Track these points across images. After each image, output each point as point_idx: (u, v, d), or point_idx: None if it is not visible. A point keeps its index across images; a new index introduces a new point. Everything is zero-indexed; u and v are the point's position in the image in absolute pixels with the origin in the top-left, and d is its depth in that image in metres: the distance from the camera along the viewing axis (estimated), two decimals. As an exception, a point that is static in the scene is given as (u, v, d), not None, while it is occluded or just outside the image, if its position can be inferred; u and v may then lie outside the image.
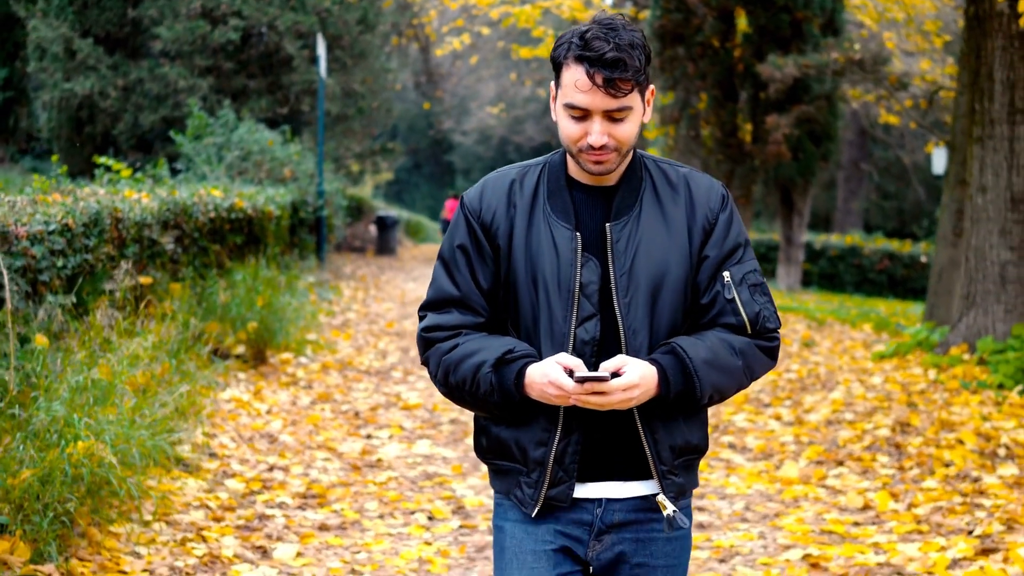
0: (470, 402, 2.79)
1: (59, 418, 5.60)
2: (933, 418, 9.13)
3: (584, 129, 2.71)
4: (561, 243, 2.77)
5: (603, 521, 2.81)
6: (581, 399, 2.63)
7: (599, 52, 2.64)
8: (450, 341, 2.80)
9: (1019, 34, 11.25)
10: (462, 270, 2.82)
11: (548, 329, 2.75)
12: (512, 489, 2.83)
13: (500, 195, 2.83)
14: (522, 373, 2.71)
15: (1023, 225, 11.46)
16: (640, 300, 2.75)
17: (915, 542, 6.16)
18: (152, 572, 5.34)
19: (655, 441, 2.76)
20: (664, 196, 2.82)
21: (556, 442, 2.75)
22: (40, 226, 7.54)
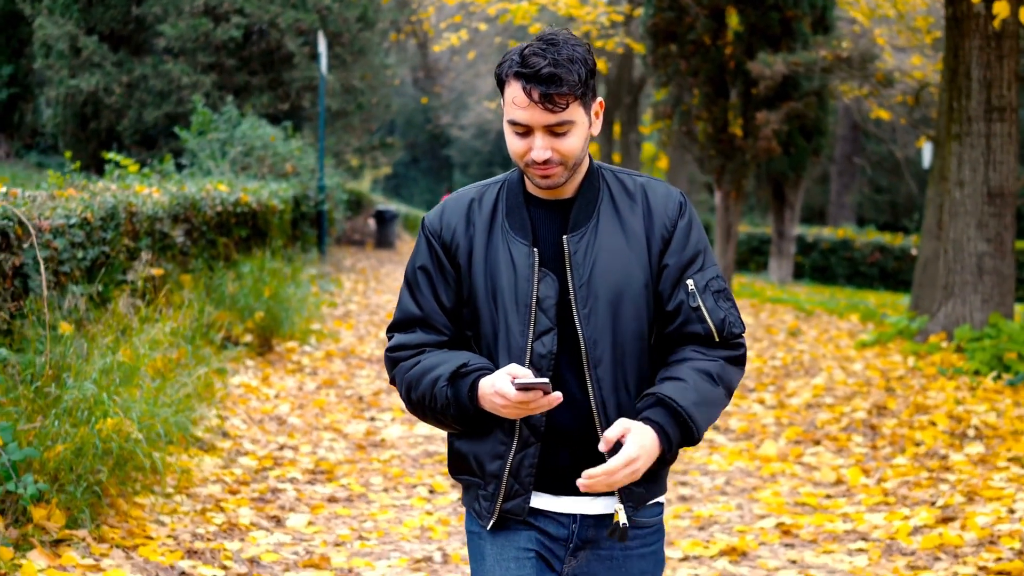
0: (432, 417, 2.83)
1: (89, 397, 6.06)
2: (909, 402, 9.61)
3: (528, 144, 2.73)
4: (519, 259, 2.79)
5: (579, 537, 2.83)
6: (528, 407, 2.64)
7: (535, 68, 2.66)
8: (413, 359, 2.85)
9: (995, 34, 11.72)
10: (423, 291, 2.87)
11: (506, 344, 2.78)
12: (472, 502, 2.88)
13: (459, 215, 2.86)
14: (475, 385, 2.73)
15: (999, 218, 11.94)
16: (600, 311, 2.77)
17: (881, 512, 6.64)
18: (176, 538, 5.81)
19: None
20: (622, 206, 2.85)
21: (512, 455, 2.77)
22: (61, 220, 7.98)
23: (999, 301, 11.92)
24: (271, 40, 23.24)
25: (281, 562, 5.69)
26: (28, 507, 5.45)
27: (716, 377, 2.79)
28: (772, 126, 17.93)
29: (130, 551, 5.53)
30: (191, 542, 5.78)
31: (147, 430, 6.20)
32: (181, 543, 5.74)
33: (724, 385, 2.81)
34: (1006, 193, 11.95)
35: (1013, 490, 6.91)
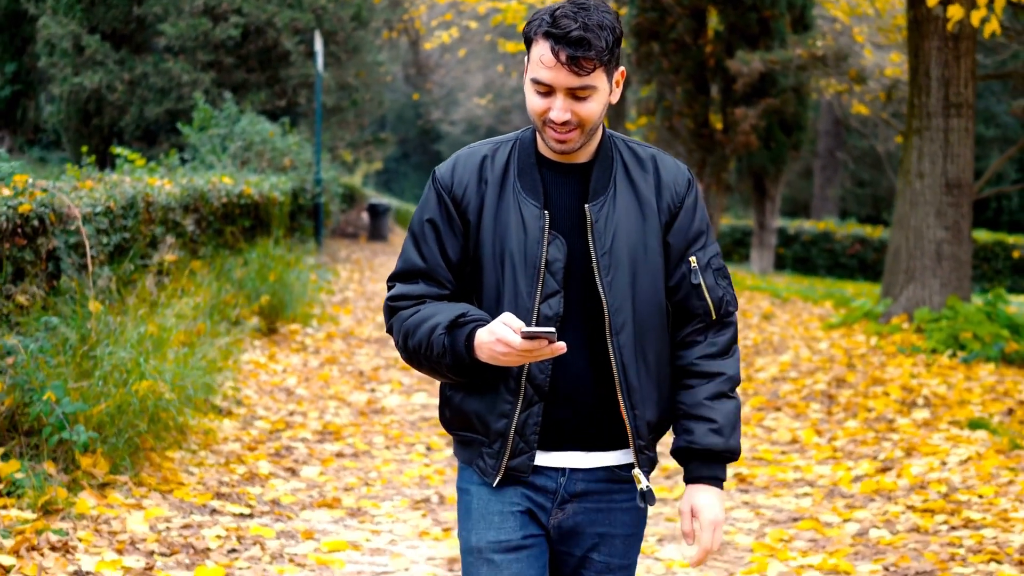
0: (427, 366, 2.85)
1: (127, 362, 6.86)
2: (867, 376, 10.43)
3: (548, 104, 2.75)
4: (529, 220, 2.81)
5: (566, 490, 2.86)
6: (531, 355, 2.66)
7: (565, 30, 2.66)
8: (412, 308, 2.87)
9: (953, 36, 12.54)
10: (430, 243, 2.87)
11: (512, 304, 2.80)
12: (475, 459, 2.89)
13: (472, 171, 2.88)
14: (472, 335, 2.74)
15: (957, 208, 12.78)
16: (621, 279, 2.81)
17: (828, 465, 7.47)
18: (205, 484, 6.61)
19: (635, 416, 2.82)
20: (635, 175, 2.88)
21: (517, 413, 2.80)
22: (88, 208, 8.77)
23: (956, 285, 12.76)
24: (268, 39, 23.97)
25: (298, 503, 6.51)
26: (77, 455, 6.24)
27: (731, 391, 2.88)
28: (750, 121, 18.77)
29: (166, 494, 6.33)
30: (218, 487, 6.58)
31: (178, 391, 7.00)
32: (209, 488, 6.54)
33: (736, 385, 2.90)
34: (963, 184, 12.78)
35: (949, 447, 7.74)
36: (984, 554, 5.68)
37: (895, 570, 5.54)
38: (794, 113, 22.94)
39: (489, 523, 2.85)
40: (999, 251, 30.06)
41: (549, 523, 2.88)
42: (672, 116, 19.81)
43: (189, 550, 5.56)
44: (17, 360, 6.44)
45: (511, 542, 2.84)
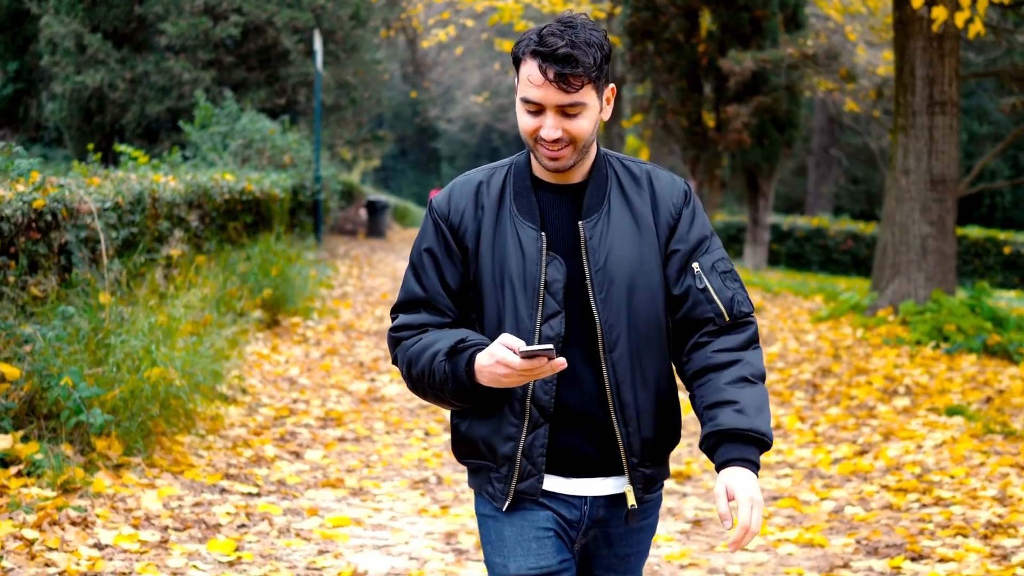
0: (431, 394, 2.86)
1: (138, 349, 7.18)
2: (851, 366, 10.77)
3: (538, 123, 2.76)
4: (527, 243, 2.82)
5: (590, 518, 2.88)
6: (532, 374, 2.66)
7: (552, 47, 2.69)
8: (415, 338, 2.89)
9: (937, 36, 12.87)
10: (429, 273, 2.89)
11: (514, 327, 2.80)
12: (484, 485, 2.89)
13: (467, 197, 2.90)
14: (472, 360, 2.75)
15: (941, 203, 13.12)
16: (615, 296, 2.81)
17: (809, 448, 7.80)
18: (213, 466, 6.94)
19: (627, 433, 2.82)
20: (630, 192, 2.88)
21: (524, 436, 2.80)
22: (98, 203, 9.09)
23: (941, 279, 13.09)
24: (268, 38, 24.29)
25: (303, 483, 6.84)
26: (92, 438, 6.57)
27: (752, 377, 2.81)
28: (742, 119, 19.10)
29: (177, 475, 6.66)
30: (226, 469, 6.91)
31: (188, 377, 7.32)
32: (218, 469, 6.87)
33: (760, 377, 2.83)
34: (947, 180, 13.12)
35: (925, 432, 8.08)
36: (951, 529, 6.01)
37: (867, 543, 5.87)
38: (787, 111, 23.26)
39: (527, 550, 2.84)
40: (990, 247, 30.39)
41: (574, 549, 2.91)
42: (666, 114, 20.14)
43: (201, 525, 5.89)
44: (35, 348, 6.76)
45: (550, 567, 2.84)
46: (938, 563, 5.56)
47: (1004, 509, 6.29)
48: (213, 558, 5.47)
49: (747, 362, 2.81)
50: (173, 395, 7.18)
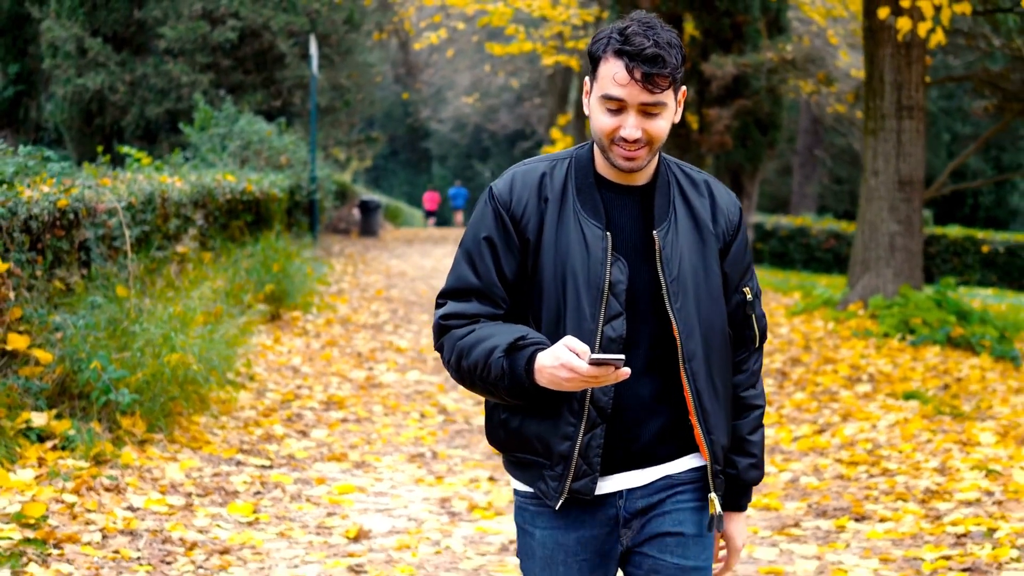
0: (481, 387, 2.81)
1: (158, 337, 7.85)
2: (820, 356, 11.46)
3: (618, 122, 2.74)
4: (592, 241, 2.79)
5: (627, 511, 2.87)
6: (596, 381, 2.63)
7: (639, 48, 2.68)
8: (467, 328, 2.83)
9: (905, 44, 13.57)
10: (486, 261, 2.84)
11: (576, 325, 2.77)
12: (535, 482, 2.86)
13: (531, 188, 2.86)
14: (532, 359, 2.70)
15: (909, 203, 13.82)
16: (689, 305, 2.81)
17: (773, 428, 8.50)
18: (228, 442, 7.62)
19: (711, 441, 2.85)
20: (693, 199, 2.89)
21: (581, 435, 2.78)
22: (113, 203, 9.76)
23: (908, 274, 13.80)
24: (264, 42, 24.94)
25: (310, 457, 7.53)
26: (119, 417, 7.24)
27: (762, 418, 3.01)
28: (724, 122, 19.78)
29: (196, 450, 7.34)
30: (240, 445, 7.59)
31: (204, 362, 8.00)
32: (233, 445, 7.55)
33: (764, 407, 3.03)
34: (915, 181, 13.82)
35: (881, 414, 8.78)
36: (893, 495, 6.71)
37: (817, 507, 6.57)
38: (769, 113, 23.92)
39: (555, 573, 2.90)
40: (969, 246, 31.09)
41: (622, 543, 2.90)
42: (650, 116, 20.81)
43: (221, 492, 6.57)
44: (65, 335, 7.43)
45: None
46: (878, 523, 6.26)
47: (943, 478, 6.99)
48: (234, 519, 6.14)
49: (762, 409, 2.99)
50: (190, 379, 7.85)
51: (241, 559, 5.56)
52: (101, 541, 5.57)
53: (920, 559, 5.67)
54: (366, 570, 5.49)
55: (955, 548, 5.78)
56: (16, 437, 6.69)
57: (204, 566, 5.41)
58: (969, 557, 5.62)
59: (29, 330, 7.33)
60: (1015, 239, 30.93)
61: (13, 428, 6.71)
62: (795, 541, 6.05)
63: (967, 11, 12.20)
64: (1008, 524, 6.00)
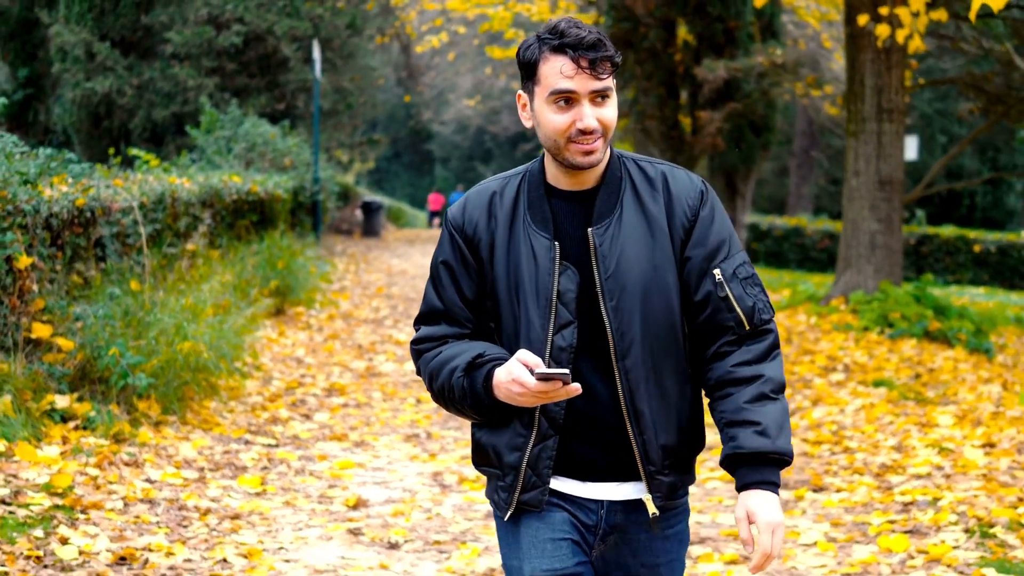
0: (453, 407, 2.87)
1: (171, 327, 8.42)
2: (800, 348, 12.01)
3: (572, 116, 2.72)
4: (540, 252, 2.80)
5: (607, 523, 2.86)
6: (547, 396, 2.66)
7: (579, 37, 2.69)
8: (435, 350, 2.89)
9: (884, 50, 14.12)
10: (446, 285, 2.89)
11: (527, 337, 2.79)
12: (491, 493, 2.92)
13: (481, 208, 2.88)
14: (490, 375, 2.75)
15: (888, 202, 14.37)
16: (627, 303, 2.77)
17: (747, 412, 9.06)
18: (237, 424, 8.18)
19: (643, 441, 2.78)
20: (644, 195, 2.83)
21: (530, 447, 2.80)
22: (126, 202, 10.32)
23: (888, 271, 14.35)
24: (268, 46, 25.53)
25: (313, 438, 8.09)
26: (135, 400, 7.80)
27: (773, 392, 2.79)
28: (715, 124, 20.35)
29: (207, 431, 7.90)
30: (248, 426, 8.16)
31: (214, 351, 8.57)
32: (241, 427, 8.12)
33: (780, 390, 2.81)
34: (894, 181, 14.37)
35: (849, 399, 9.33)
36: (851, 470, 7.27)
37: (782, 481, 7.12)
38: (763, 115, 24.48)
39: (542, 551, 2.85)
40: (961, 245, 31.62)
41: (593, 556, 2.89)
42: (644, 119, 21.37)
43: (231, 467, 7.14)
44: (86, 324, 8.00)
45: (566, 570, 2.85)
46: (834, 493, 6.82)
47: (899, 455, 7.55)
48: (243, 490, 6.71)
49: (768, 377, 2.78)
50: (201, 366, 8.42)
51: (250, 523, 6.12)
52: (123, 508, 6.12)
53: (868, 523, 6.23)
54: (363, 532, 6.05)
55: (901, 514, 6.34)
56: (41, 418, 7.25)
57: (217, 529, 5.98)
58: (912, 521, 6.18)
59: (52, 320, 7.89)
60: (1007, 239, 31.46)
61: (39, 409, 7.27)
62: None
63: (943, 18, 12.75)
64: (952, 494, 6.56)
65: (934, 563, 5.55)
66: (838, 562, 5.65)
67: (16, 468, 6.37)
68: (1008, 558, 5.50)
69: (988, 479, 6.85)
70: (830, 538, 6.02)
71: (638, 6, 20.66)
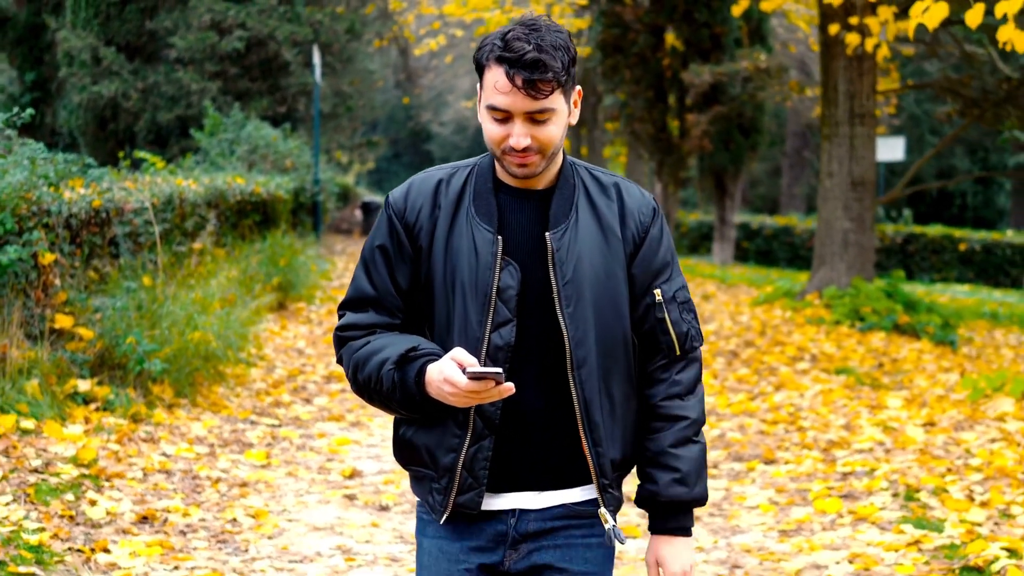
0: (378, 400, 2.75)
1: (182, 318, 9.15)
2: (772, 339, 12.75)
3: (506, 131, 2.65)
4: (481, 246, 2.70)
5: (517, 531, 2.77)
6: (478, 396, 2.56)
7: (519, 53, 2.57)
8: (363, 339, 2.76)
9: (856, 57, 14.85)
10: (380, 270, 2.77)
11: (463, 332, 2.69)
12: (425, 495, 2.80)
13: (426, 195, 2.78)
14: (423, 371, 2.63)
15: (861, 202, 15.10)
16: (583, 310, 2.70)
17: (714, 396, 9.79)
18: (243, 407, 8.92)
19: (598, 454, 2.72)
20: (599, 202, 2.77)
21: (466, 448, 2.70)
22: (137, 203, 11.05)
23: (860, 267, 15.09)
24: (270, 51, 26.28)
25: (313, 419, 8.84)
26: (150, 384, 8.53)
27: (695, 436, 2.78)
28: (701, 127, 21.11)
29: (216, 413, 8.64)
30: (253, 409, 8.90)
31: (223, 340, 9.31)
32: (247, 409, 8.86)
33: (700, 427, 2.79)
34: (866, 182, 15.10)
35: (810, 385, 10.07)
36: (801, 445, 8.01)
37: (735, 454, 7.86)
38: (751, 117, 25.24)
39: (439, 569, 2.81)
40: (947, 244, 32.34)
41: (506, 565, 2.79)
42: (634, 122, 22.13)
43: (238, 443, 7.88)
44: (104, 315, 8.73)
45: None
46: (783, 465, 7.56)
47: (847, 433, 8.28)
48: (249, 463, 7.45)
49: (692, 420, 2.76)
50: (210, 354, 9.15)
51: (257, 490, 6.86)
52: (143, 478, 6.86)
53: (809, 490, 6.97)
54: (358, 497, 6.79)
55: (839, 482, 7.08)
56: (65, 400, 7.98)
57: (227, 495, 6.72)
58: (848, 488, 6.92)
59: (73, 311, 8.62)
60: (992, 238, 32.19)
61: (63, 392, 8.01)
62: (712, 479, 7.35)
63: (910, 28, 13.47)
64: (888, 465, 7.30)
65: (861, 521, 6.29)
66: (776, 520, 6.40)
67: (45, 443, 7.10)
68: (927, 517, 6.24)
69: (924, 453, 7.58)
70: (773, 501, 6.77)
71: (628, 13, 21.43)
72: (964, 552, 5.56)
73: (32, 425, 7.21)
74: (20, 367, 7.76)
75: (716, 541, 6.15)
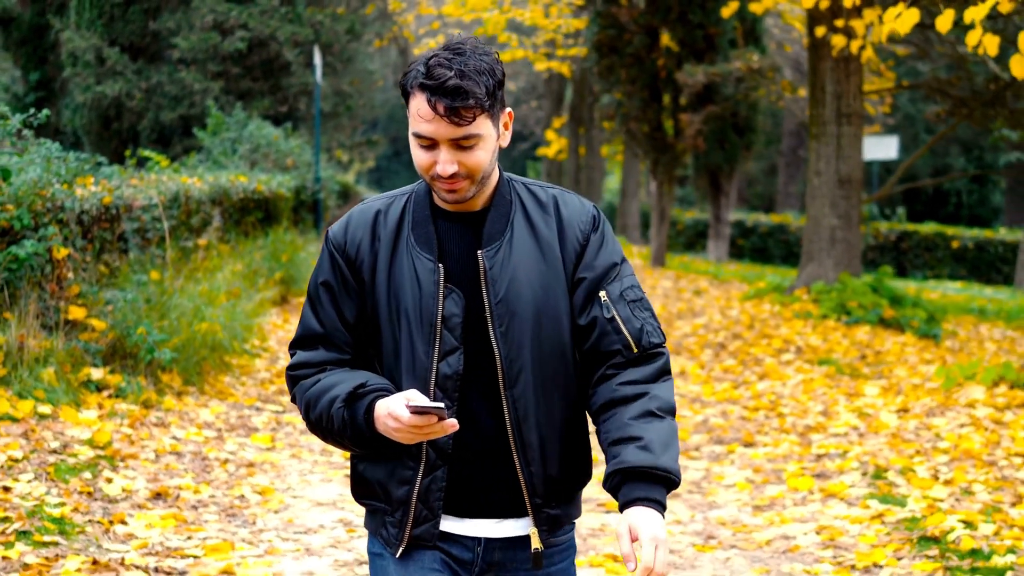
0: (331, 438, 2.73)
1: (190, 310, 9.56)
2: (759, 332, 13.16)
3: (433, 158, 2.62)
4: (423, 275, 2.68)
5: (484, 560, 2.76)
6: (422, 432, 2.53)
7: (440, 80, 2.54)
8: (313, 378, 2.74)
9: (843, 58, 15.25)
10: (326, 307, 2.76)
11: (410, 364, 2.67)
12: (379, 529, 2.78)
13: (365, 228, 2.75)
14: (372, 407, 2.62)
15: (847, 200, 15.51)
16: (518, 328, 2.67)
17: (700, 385, 10.21)
18: (248, 395, 9.33)
19: (530, 473, 2.70)
20: (535, 218, 2.74)
21: (420, 479, 2.68)
22: (145, 200, 11.45)
23: (847, 263, 15.50)
24: (271, 51, 26.69)
25: (315, 406, 9.24)
26: (159, 373, 8.95)
27: (660, 410, 2.67)
28: (696, 126, 21.51)
29: (222, 400, 9.05)
30: (258, 396, 9.31)
31: (228, 331, 9.72)
32: (252, 397, 9.27)
33: (668, 411, 2.69)
34: (853, 180, 15.51)
35: (792, 374, 10.48)
36: (780, 430, 8.42)
37: (717, 438, 8.27)
38: (746, 117, 25.64)
39: None
40: (940, 241, 32.78)
41: None
42: (629, 121, 22.53)
43: (245, 428, 8.29)
44: (116, 307, 9.14)
45: None
46: (761, 448, 7.97)
47: (824, 418, 8.70)
48: (256, 446, 7.86)
49: (654, 395, 2.68)
50: (217, 344, 9.56)
51: (263, 470, 7.28)
52: (155, 459, 7.27)
53: (784, 470, 7.38)
54: (358, 477, 7.20)
55: (813, 463, 7.49)
56: (79, 387, 8.39)
57: (235, 474, 7.13)
58: (821, 468, 7.33)
59: (86, 303, 9.03)
60: (984, 235, 32.61)
61: (77, 380, 8.42)
62: (692, 460, 7.77)
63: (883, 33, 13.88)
64: (860, 448, 7.71)
65: (830, 497, 6.71)
66: (752, 497, 6.81)
67: (62, 427, 7.51)
68: (892, 493, 6.65)
69: (895, 436, 7.99)
70: (749, 480, 7.18)
71: (623, 14, 21.84)
72: (923, 524, 5.97)
73: (49, 410, 7.61)
74: (37, 356, 8.17)
75: (693, 515, 6.56)
